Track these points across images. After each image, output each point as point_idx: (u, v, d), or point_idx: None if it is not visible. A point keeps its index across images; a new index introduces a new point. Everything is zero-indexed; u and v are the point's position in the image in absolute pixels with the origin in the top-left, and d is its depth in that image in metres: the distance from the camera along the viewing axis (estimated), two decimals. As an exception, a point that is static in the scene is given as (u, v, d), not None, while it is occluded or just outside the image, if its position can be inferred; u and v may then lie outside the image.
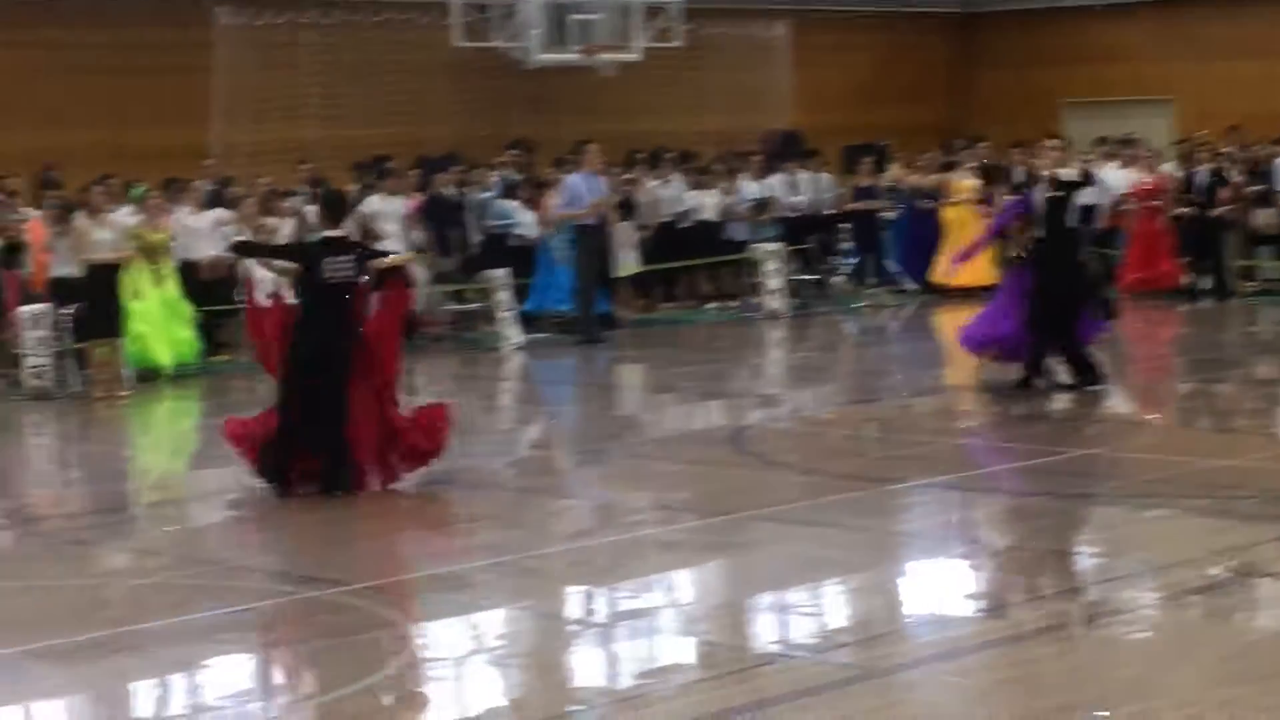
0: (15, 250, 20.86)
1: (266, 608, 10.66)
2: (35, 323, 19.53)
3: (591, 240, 22.95)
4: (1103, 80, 33.50)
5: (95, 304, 19.39)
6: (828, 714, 8.35)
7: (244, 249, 16.91)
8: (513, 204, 24.70)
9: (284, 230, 21.98)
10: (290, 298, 14.36)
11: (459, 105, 29.12)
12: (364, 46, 28.12)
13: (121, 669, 9.55)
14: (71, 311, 19.61)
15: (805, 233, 26.78)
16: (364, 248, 14.52)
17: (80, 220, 19.45)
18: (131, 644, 9.96)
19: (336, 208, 14.44)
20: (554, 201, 23.99)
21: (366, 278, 13.72)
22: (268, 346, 14.09)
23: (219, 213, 22.27)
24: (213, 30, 26.42)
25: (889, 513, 12.91)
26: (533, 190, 25.01)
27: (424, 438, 13.84)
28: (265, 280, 15.41)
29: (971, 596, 10.79)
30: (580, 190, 22.91)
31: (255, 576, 11.61)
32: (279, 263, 14.66)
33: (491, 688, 9.19)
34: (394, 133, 27.81)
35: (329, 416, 13.41)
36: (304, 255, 14.16)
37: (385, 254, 14.54)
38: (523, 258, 24.00)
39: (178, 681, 9.45)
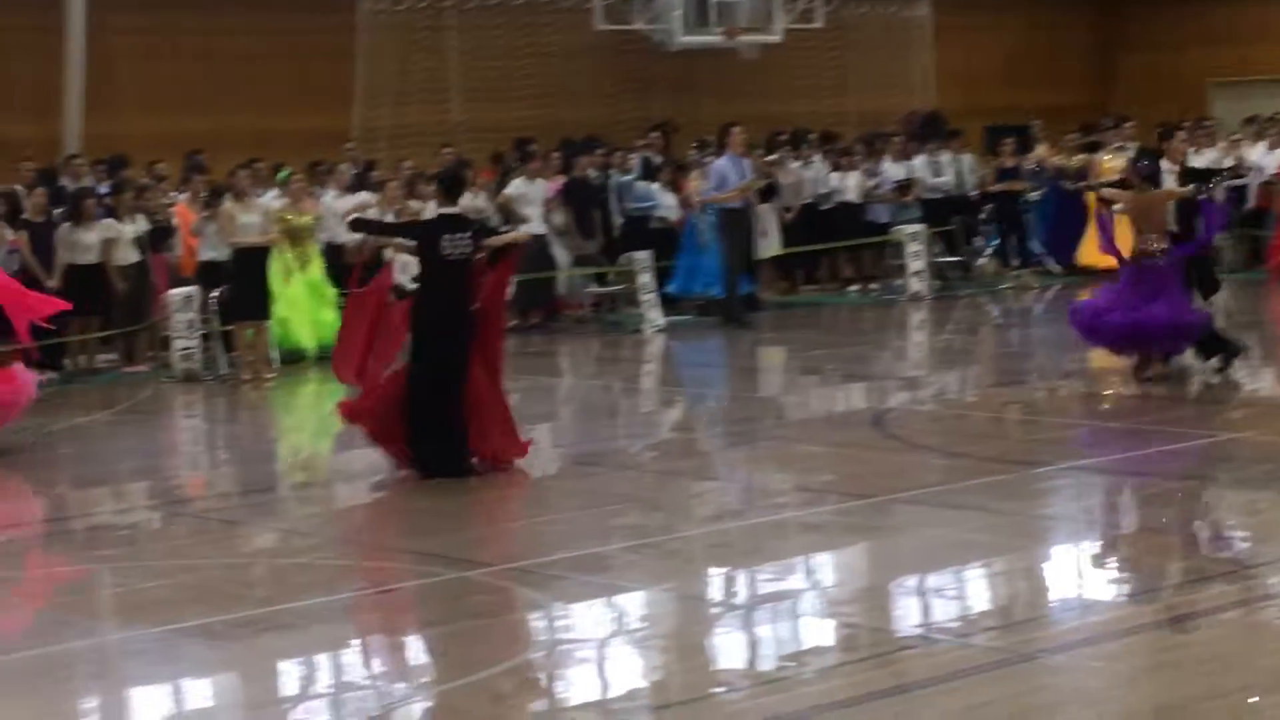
0: (164, 234, 21.16)
1: (412, 588, 10.75)
2: (183, 306, 19.80)
3: (736, 223, 22.89)
4: (1250, 59, 33.05)
5: (242, 287, 19.61)
6: (970, 699, 8.31)
7: (362, 226, 16.96)
8: (654, 186, 24.72)
9: (428, 213, 22.12)
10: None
11: (600, 88, 29.20)
12: (506, 30, 28.26)
13: (270, 648, 9.67)
14: (218, 295, 19.86)
15: (948, 214, 26.64)
16: (480, 224, 14.60)
17: (227, 204, 19.67)
18: (280, 623, 10.08)
19: (454, 185, 14.53)
20: (695, 185, 24.00)
21: (481, 255, 13.80)
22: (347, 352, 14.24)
23: (364, 196, 22.47)
24: (357, 15, 26.63)
25: (1032, 496, 12.82)
26: (674, 172, 25.03)
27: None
28: (406, 263, 15.54)
29: (1116, 581, 10.71)
30: (726, 173, 22.84)
31: (401, 557, 11.71)
32: (399, 239, 14.87)
33: (633, 670, 9.22)
34: (536, 115, 27.94)
35: (451, 394, 13.53)
36: (423, 232, 14.26)
37: (499, 231, 14.63)
38: (664, 240, 24.03)
39: (325, 661, 9.56)
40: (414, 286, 14.48)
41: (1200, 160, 25.83)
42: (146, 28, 25.81)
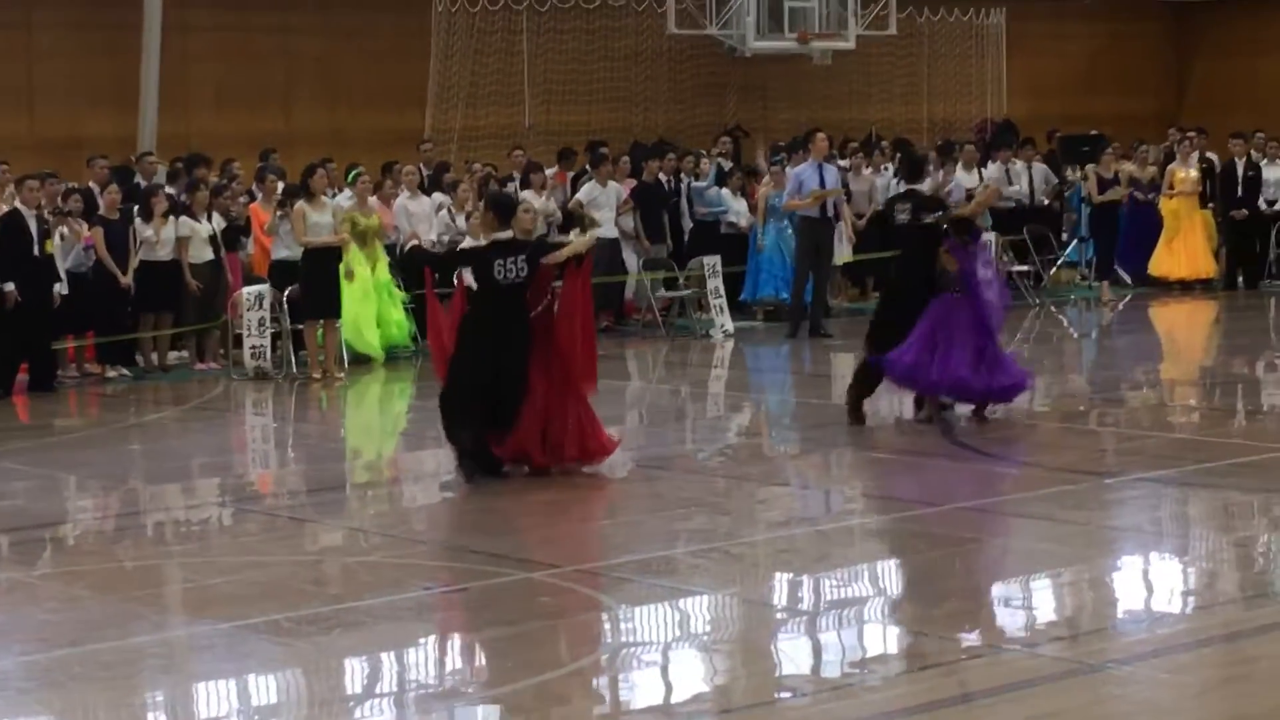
0: (238, 233, 21.27)
1: (479, 588, 10.77)
2: (255, 304, 19.90)
3: (813, 231, 22.67)
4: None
5: (312, 286, 19.69)
6: (1037, 709, 8.28)
7: (420, 258, 16.82)
8: (724, 191, 24.71)
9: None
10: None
11: (672, 92, 29.24)
12: (578, 33, 28.32)
13: (337, 646, 9.71)
14: (289, 293, 19.94)
15: (1020, 223, 26.51)
16: (538, 244, 14.15)
17: (300, 204, 19.76)
18: (347, 621, 10.12)
19: (506, 210, 14.05)
20: (762, 191, 23.97)
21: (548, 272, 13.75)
22: (442, 347, 14.28)
23: (437, 196, 22.54)
24: (431, 15, 26.73)
25: (1102, 507, 12.76)
26: (744, 178, 24.99)
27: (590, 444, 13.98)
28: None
29: (1185, 593, 10.65)
30: (806, 179, 22.68)
31: (468, 557, 11.73)
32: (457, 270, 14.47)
33: (697, 674, 9.22)
34: (607, 119, 28.01)
35: (486, 400, 13.69)
36: (477, 260, 13.91)
37: (558, 246, 14.21)
38: (734, 245, 24.01)
39: (390, 659, 9.59)
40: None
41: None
42: (222, 25, 25.96)
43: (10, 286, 18.69)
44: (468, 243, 15.34)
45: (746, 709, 8.57)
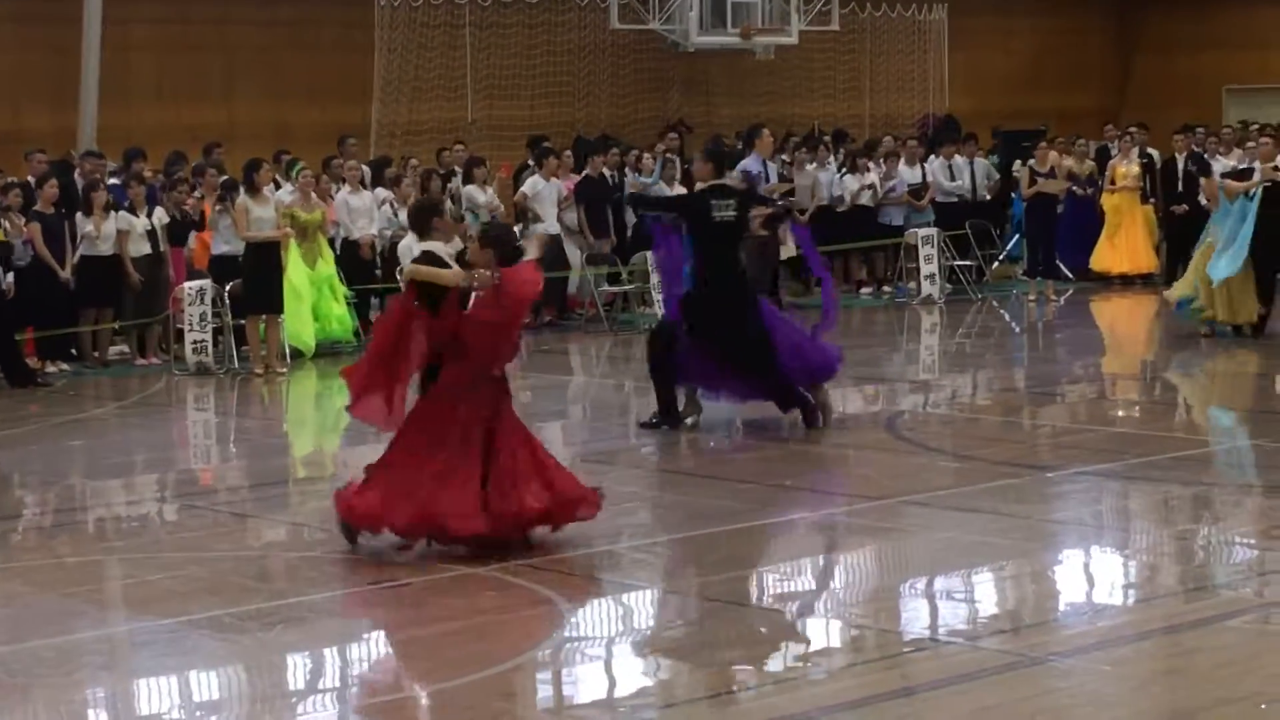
0: (188, 227, 21.19)
1: (423, 583, 10.75)
2: (196, 299, 19.82)
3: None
4: (1267, 66, 33.02)
5: (255, 281, 19.62)
6: (978, 702, 8.31)
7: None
8: (669, 187, 24.72)
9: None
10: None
11: (615, 87, 29.24)
12: (521, 27, 28.29)
13: (279, 642, 9.67)
14: (231, 288, 19.88)
15: (962, 218, 26.60)
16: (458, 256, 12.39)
17: (241, 198, 19.68)
18: (290, 616, 10.09)
19: (423, 220, 12.29)
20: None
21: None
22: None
23: (379, 191, 22.48)
24: (374, 9, 26.65)
25: (1044, 500, 12.81)
26: (687, 173, 24.97)
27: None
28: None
29: (1126, 586, 10.71)
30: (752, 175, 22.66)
31: (414, 552, 11.70)
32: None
33: (640, 669, 9.22)
34: (550, 114, 27.99)
35: None
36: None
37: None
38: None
39: (332, 655, 9.57)
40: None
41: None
42: (163, 18, 25.83)
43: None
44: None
45: (689, 703, 8.58)
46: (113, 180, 21.61)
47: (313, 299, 20.51)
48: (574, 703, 8.71)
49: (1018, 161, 27.64)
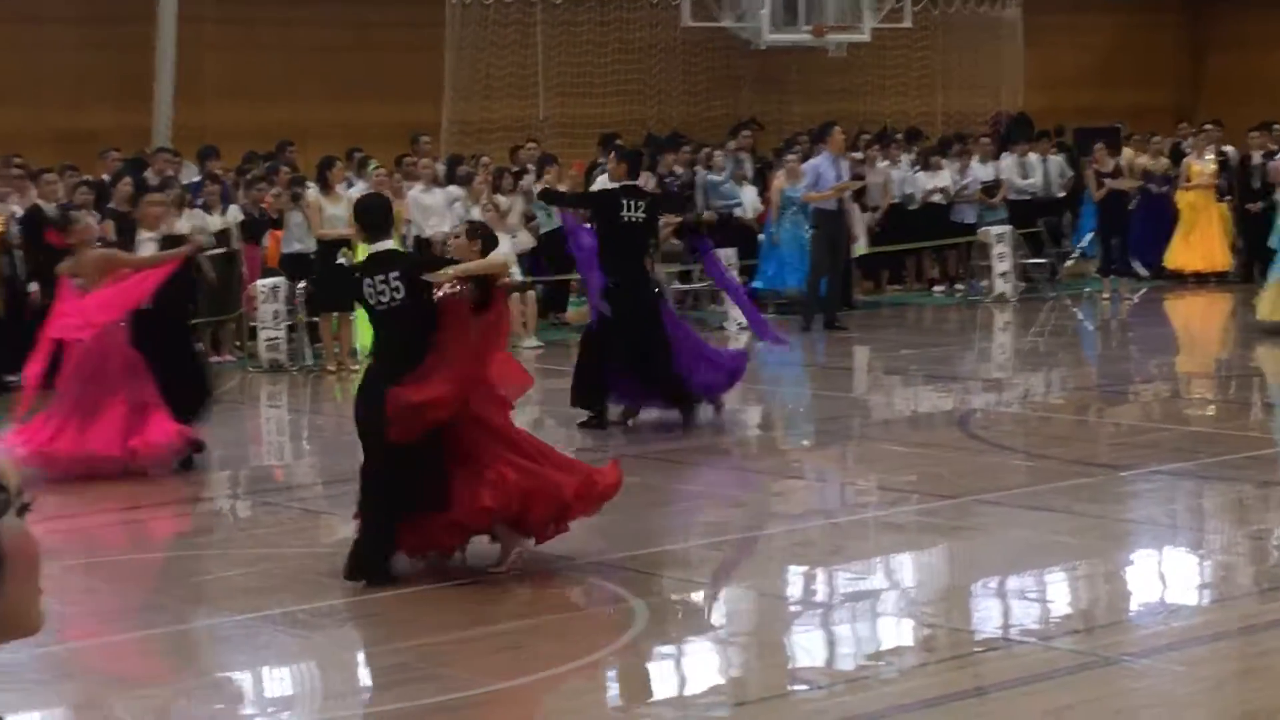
0: (259, 225, 21.30)
1: (495, 580, 10.78)
2: (270, 297, 19.93)
3: (830, 224, 22.68)
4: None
5: (327, 279, 19.70)
6: (1050, 702, 8.28)
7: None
8: (739, 184, 24.72)
9: (516, 208, 22.24)
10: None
11: (686, 85, 29.21)
12: (592, 25, 28.31)
13: (352, 637, 9.72)
14: (304, 286, 19.97)
15: (1035, 216, 26.49)
16: (410, 258, 12.08)
17: (313, 196, 19.77)
18: (363, 612, 10.13)
19: (377, 223, 11.27)
20: (776, 184, 23.96)
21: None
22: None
23: (451, 189, 22.55)
24: (445, 7, 26.71)
25: (1117, 499, 12.75)
26: (759, 170, 24.98)
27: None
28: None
29: (1200, 586, 10.64)
30: (824, 172, 22.65)
31: (488, 548, 11.73)
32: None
33: (712, 667, 9.23)
34: (621, 112, 27.98)
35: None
36: (350, 274, 11.77)
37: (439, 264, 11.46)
38: (746, 237, 24.03)
39: (407, 651, 9.60)
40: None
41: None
42: (233, 18, 25.96)
43: (34, 287, 18.67)
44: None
45: (761, 701, 8.58)
46: (190, 179, 21.75)
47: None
48: (645, 701, 8.72)
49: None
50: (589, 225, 16.10)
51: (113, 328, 14.08)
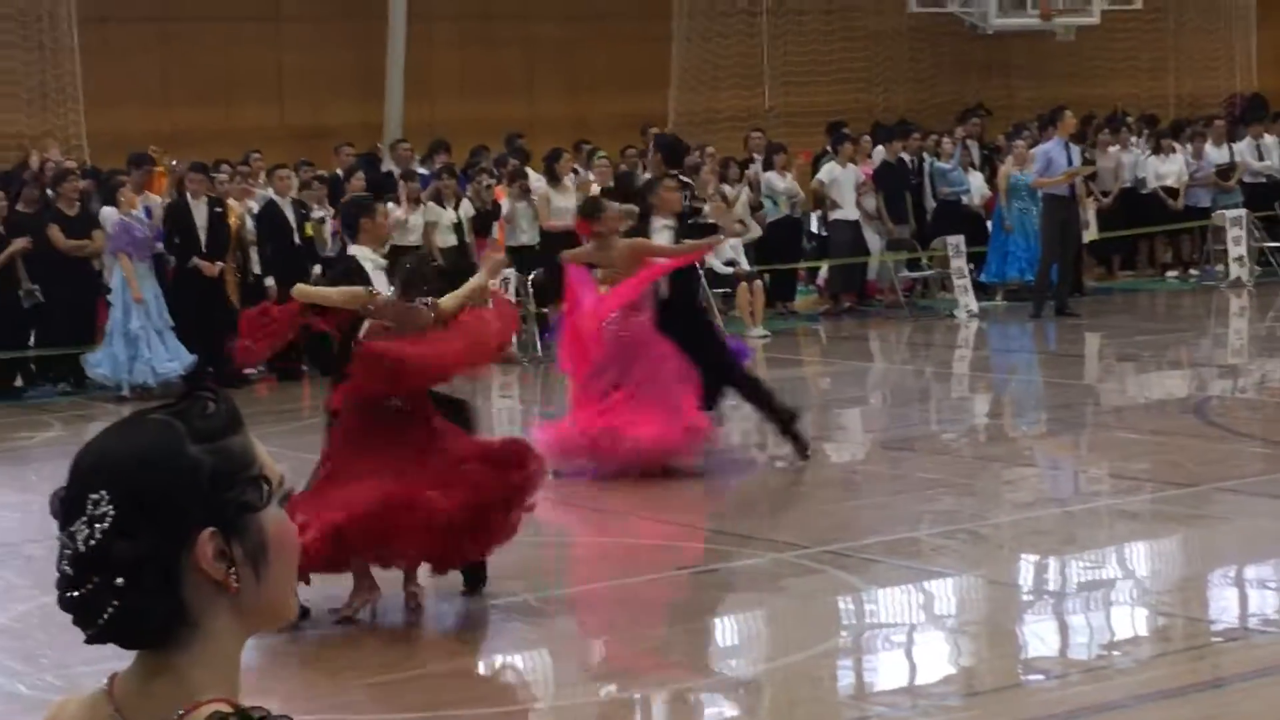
0: (488, 218, 21.53)
1: (726, 569, 10.83)
2: (500, 288, 20.10)
3: (1060, 210, 22.39)
4: None
5: (554, 270, 19.85)
6: (1293, 693, 8.16)
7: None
8: (967, 171, 24.55)
9: (741, 197, 22.27)
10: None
11: (913, 71, 29.07)
12: (818, 13, 28.26)
13: (593, 624, 9.81)
14: (534, 277, 20.15)
15: (1271, 199, 25.99)
16: (410, 267, 11.49)
17: (542, 188, 19.93)
18: (599, 599, 10.23)
19: (351, 221, 11.40)
20: (1004, 170, 23.75)
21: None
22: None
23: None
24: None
25: (1358, 488, 12.49)
26: (986, 157, 24.79)
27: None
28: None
29: None
30: (1055, 157, 22.37)
31: (716, 538, 11.79)
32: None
33: (944, 656, 9.20)
34: (848, 100, 27.91)
35: None
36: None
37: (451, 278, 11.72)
38: (975, 224, 23.85)
39: (640, 639, 9.67)
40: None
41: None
42: (465, 14, 26.27)
43: (270, 281, 19.01)
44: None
45: (994, 692, 8.53)
46: (420, 170, 22.05)
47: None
48: (877, 689, 8.72)
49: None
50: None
51: (640, 316, 13.58)
